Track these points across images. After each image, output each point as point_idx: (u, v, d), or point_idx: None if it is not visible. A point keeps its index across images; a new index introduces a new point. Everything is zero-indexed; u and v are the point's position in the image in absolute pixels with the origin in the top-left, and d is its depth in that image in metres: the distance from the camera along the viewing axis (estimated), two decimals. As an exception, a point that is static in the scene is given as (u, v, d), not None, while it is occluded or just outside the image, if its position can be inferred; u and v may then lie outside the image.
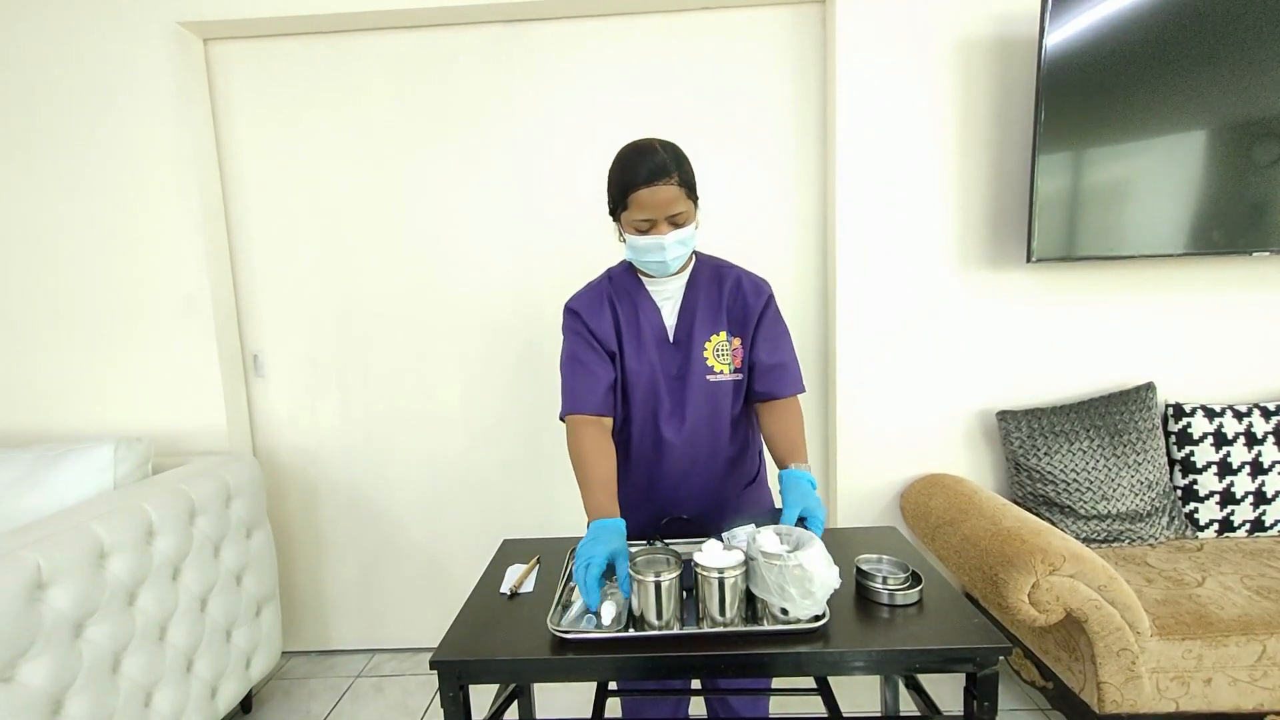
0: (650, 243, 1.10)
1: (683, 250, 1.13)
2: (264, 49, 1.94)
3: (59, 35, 1.82)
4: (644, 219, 1.08)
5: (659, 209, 1.07)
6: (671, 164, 1.07)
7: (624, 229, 1.14)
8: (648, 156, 1.07)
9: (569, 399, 1.19)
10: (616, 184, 1.11)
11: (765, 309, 1.21)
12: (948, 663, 0.87)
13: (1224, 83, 1.61)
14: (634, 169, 1.07)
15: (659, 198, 1.06)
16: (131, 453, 1.60)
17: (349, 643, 2.19)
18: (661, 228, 1.09)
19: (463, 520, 2.11)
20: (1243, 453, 1.73)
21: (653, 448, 1.22)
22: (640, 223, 1.09)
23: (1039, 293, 1.86)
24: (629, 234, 1.12)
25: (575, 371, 1.20)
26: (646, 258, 1.13)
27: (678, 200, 1.07)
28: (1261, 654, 1.34)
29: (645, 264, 1.16)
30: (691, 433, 1.19)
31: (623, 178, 1.09)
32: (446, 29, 1.91)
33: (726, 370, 1.19)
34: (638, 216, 1.09)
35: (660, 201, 1.06)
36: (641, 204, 1.07)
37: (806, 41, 1.88)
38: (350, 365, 2.05)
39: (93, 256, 1.90)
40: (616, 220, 1.15)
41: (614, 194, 1.12)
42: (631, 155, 1.10)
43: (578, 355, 1.20)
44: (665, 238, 1.09)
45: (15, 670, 1.12)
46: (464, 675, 0.89)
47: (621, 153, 1.12)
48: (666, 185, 1.06)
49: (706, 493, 1.24)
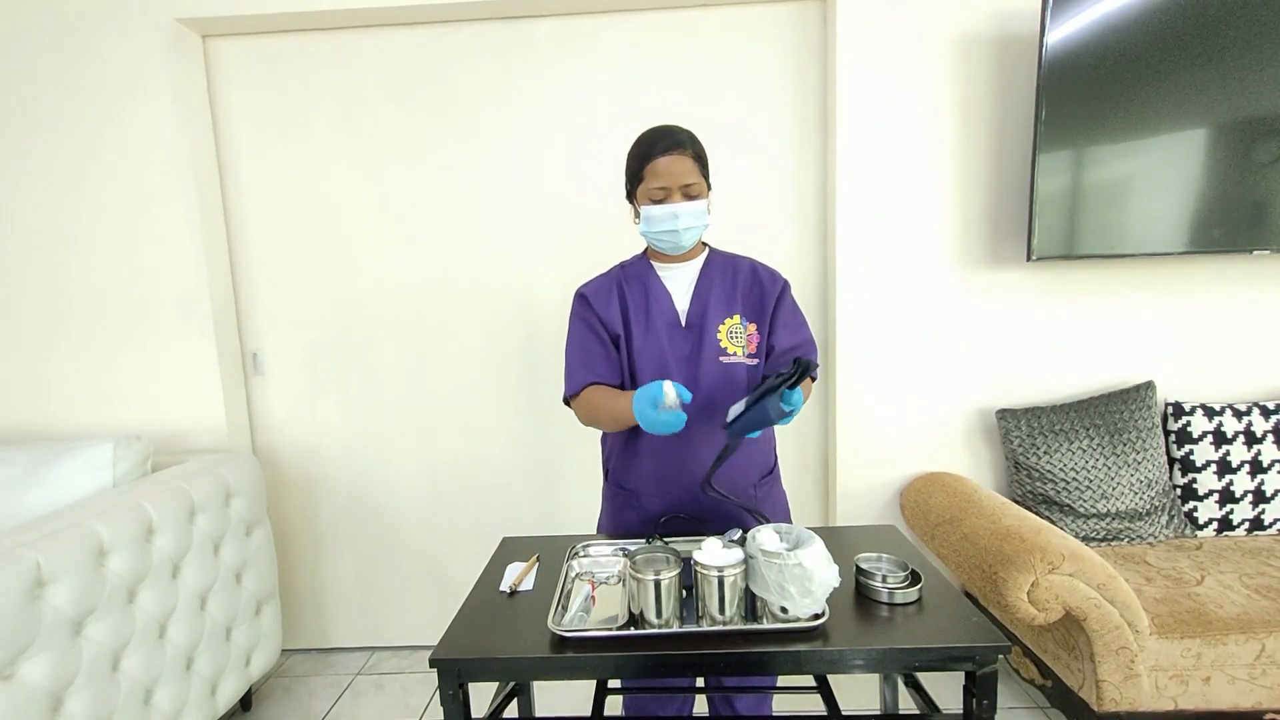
0: (664, 212, 1.15)
1: (695, 223, 1.17)
2: (263, 46, 1.93)
3: (57, 33, 1.82)
4: (659, 186, 1.14)
5: (674, 178, 1.13)
6: (686, 140, 1.15)
7: (639, 203, 1.18)
8: (665, 132, 1.16)
9: (575, 374, 1.22)
10: (634, 158, 1.18)
11: (782, 295, 1.25)
12: (947, 661, 0.87)
13: (1224, 81, 1.61)
14: (651, 141, 1.16)
15: (674, 167, 1.13)
16: (131, 451, 1.60)
17: (349, 640, 2.19)
18: (675, 197, 1.14)
19: (462, 518, 2.11)
20: (1242, 451, 1.73)
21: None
22: (655, 191, 1.15)
23: (1039, 291, 1.86)
24: (644, 206, 1.17)
25: (580, 353, 1.23)
26: (660, 228, 1.17)
27: (691, 171, 1.14)
28: (1260, 652, 1.34)
29: (658, 236, 1.18)
30: (704, 413, 1.19)
31: (639, 150, 1.17)
32: (445, 25, 1.90)
33: (740, 353, 1.20)
34: (653, 184, 1.14)
35: (676, 170, 1.13)
36: (657, 172, 1.13)
37: (806, 39, 1.88)
38: (350, 363, 2.05)
39: (92, 254, 1.90)
40: (632, 201, 1.21)
41: (631, 168, 1.18)
42: (649, 132, 1.18)
43: (583, 341, 1.24)
44: (679, 206, 1.14)
45: (15, 668, 1.12)
46: (463, 673, 0.89)
47: (639, 134, 1.20)
48: (681, 156, 1.13)
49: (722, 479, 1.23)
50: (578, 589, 1.03)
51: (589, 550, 1.15)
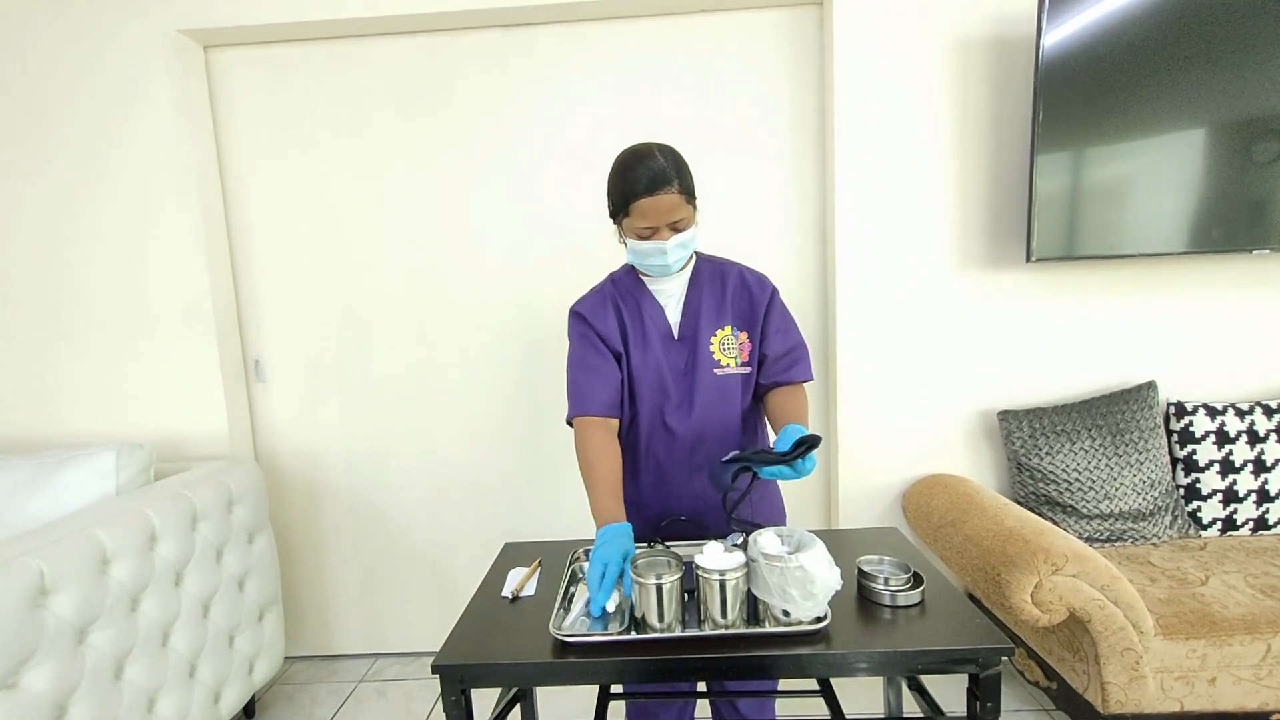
0: (652, 247, 1.12)
1: (683, 253, 1.14)
2: (264, 56, 1.95)
3: (61, 45, 1.83)
4: (645, 226, 1.10)
5: (660, 216, 1.08)
6: (671, 171, 1.07)
7: (625, 234, 1.15)
8: (648, 163, 1.07)
9: (576, 402, 1.20)
10: (617, 191, 1.11)
11: (771, 301, 1.23)
12: (950, 663, 0.86)
13: (1222, 81, 1.61)
14: (634, 178, 1.07)
15: (660, 206, 1.07)
16: (134, 458, 1.61)
17: (352, 647, 2.19)
18: (663, 233, 1.10)
19: (464, 524, 2.11)
20: (1245, 451, 1.73)
21: (663, 442, 1.22)
22: (642, 230, 1.10)
23: (1039, 292, 1.86)
24: (630, 239, 1.14)
25: (582, 375, 1.21)
26: (648, 261, 1.15)
27: (678, 207, 1.08)
28: (1266, 653, 1.33)
29: (647, 266, 1.17)
30: (700, 425, 1.19)
31: (623, 186, 1.09)
32: (445, 34, 1.91)
33: (733, 364, 1.20)
34: (639, 224, 1.10)
35: (661, 209, 1.07)
36: (643, 212, 1.08)
37: (804, 43, 1.89)
38: (351, 369, 2.06)
39: (95, 262, 1.91)
40: (617, 224, 1.16)
41: (615, 200, 1.12)
42: (631, 162, 1.10)
43: (584, 359, 1.21)
44: (667, 242, 1.10)
45: (18, 677, 1.12)
46: (466, 679, 0.89)
47: (621, 159, 1.12)
48: (667, 194, 1.06)
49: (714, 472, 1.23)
50: (580, 594, 1.03)
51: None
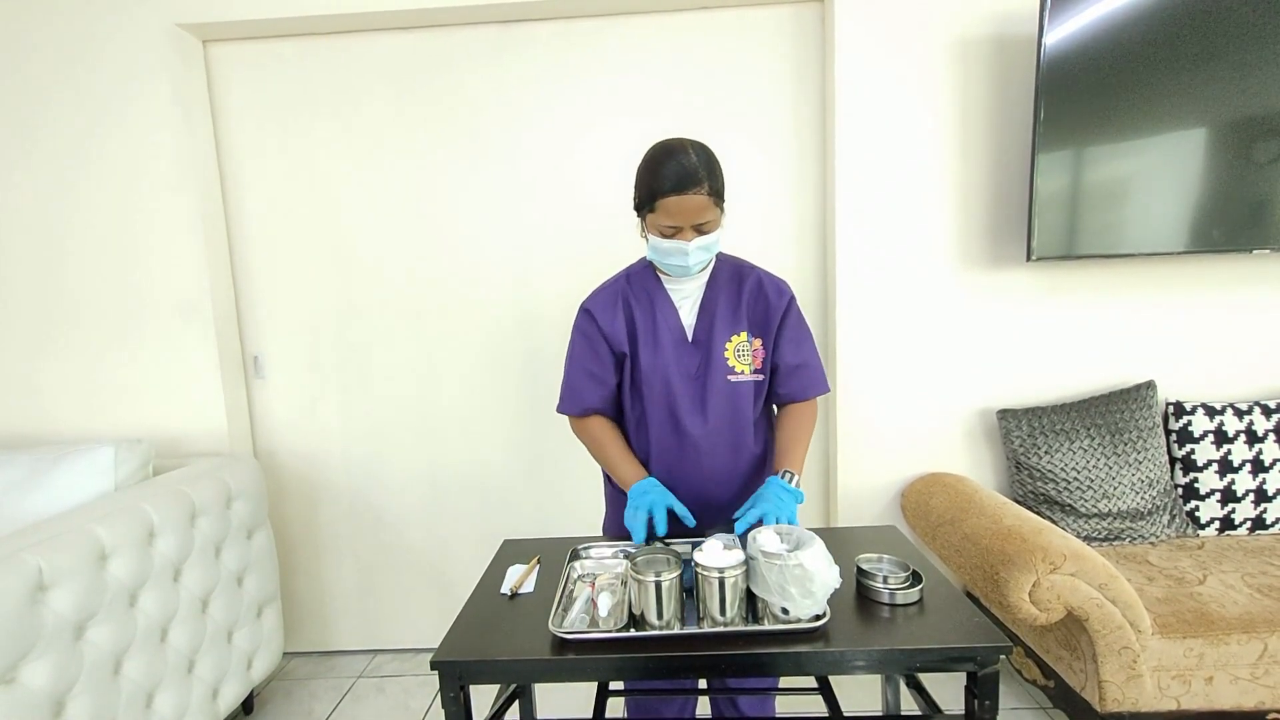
0: (673, 246, 1.09)
1: (705, 255, 1.12)
2: (263, 50, 1.94)
3: (58, 38, 1.82)
4: (670, 225, 1.07)
5: (686, 217, 1.05)
6: (703, 171, 1.04)
7: (648, 229, 1.12)
8: (679, 160, 1.04)
9: (568, 398, 1.21)
10: (644, 186, 1.08)
11: (788, 310, 1.21)
12: (949, 662, 0.87)
13: (1223, 80, 1.61)
14: (663, 174, 1.04)
15: (687, 206, 1.04)
16: (132, 455, 1.60)
17: (350, 643, 2.19)
18: (687, 234, 1.08)
19: (463, 521, 2.11)
20: (1244, 450, 1.73)
21: (675, 442, 1.20)
22: (665, 228, 1.08)
23: (1039, 291, 1.86)
24: (652, 235, 1.11)
25: (578, 377, 1.21)
26: (669, 260, 1.12)
27: (706, 209, 1.05)
28: (1263, 652, 1.34)
29: (667, 266, 1.15)
30: (714, 431, 1.19)
31: (651, 182, 1.06)
32: (444, 29, 1.91)
33: (747, 371, 1.18)
34: (664, 222, 1.07)
35: (688, 210, 1.05)
36: (669, 211, 1.05)
37: (806, 41, 1.88)
38: (351, 367, 2.05)
39: (93, 258, 1.90)
40: (641, 218, 1.14)
41: (641, 194, 1.10)
42: (661, 156, 1.06)
43: (584, 361, 1.21)
44: (689, 244, 1.08)
45: (17, 672, 1.12)
46: (465, 676, 0.89)
47: (651, 152, 1.09)
48: (695, 194, 1.03)
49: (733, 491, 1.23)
50: (579, 591, 1.03)
51: (590, 552, 1.15)
